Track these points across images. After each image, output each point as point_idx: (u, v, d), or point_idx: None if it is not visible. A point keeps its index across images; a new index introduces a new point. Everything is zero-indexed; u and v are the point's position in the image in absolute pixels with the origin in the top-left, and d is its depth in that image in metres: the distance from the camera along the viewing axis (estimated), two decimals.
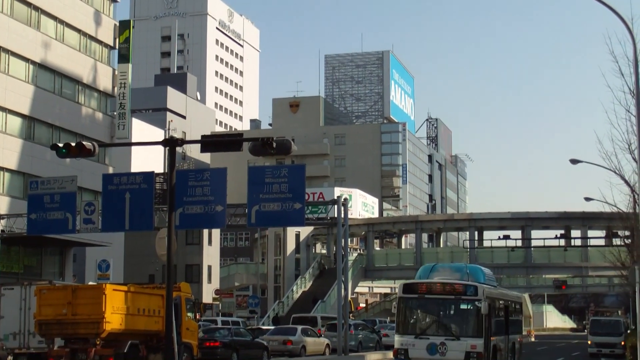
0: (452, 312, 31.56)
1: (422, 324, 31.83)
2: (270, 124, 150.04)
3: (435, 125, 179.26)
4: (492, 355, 31.54)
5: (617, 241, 68.26)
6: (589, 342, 57.55)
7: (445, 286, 31.32)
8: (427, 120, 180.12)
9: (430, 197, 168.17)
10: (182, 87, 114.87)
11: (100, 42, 65.70)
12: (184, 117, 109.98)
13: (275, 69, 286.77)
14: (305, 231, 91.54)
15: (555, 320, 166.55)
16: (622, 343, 50.80)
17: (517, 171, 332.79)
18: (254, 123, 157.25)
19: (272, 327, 54.67)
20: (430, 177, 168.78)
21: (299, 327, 48.27)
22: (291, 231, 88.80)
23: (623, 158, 49.73)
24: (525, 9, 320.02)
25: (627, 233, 51.09)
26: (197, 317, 37.45)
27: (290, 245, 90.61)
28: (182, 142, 33.58)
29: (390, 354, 38.02)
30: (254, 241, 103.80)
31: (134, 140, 73.88)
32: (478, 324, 30.47)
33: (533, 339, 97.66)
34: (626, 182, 40.44)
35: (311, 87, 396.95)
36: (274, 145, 30.16)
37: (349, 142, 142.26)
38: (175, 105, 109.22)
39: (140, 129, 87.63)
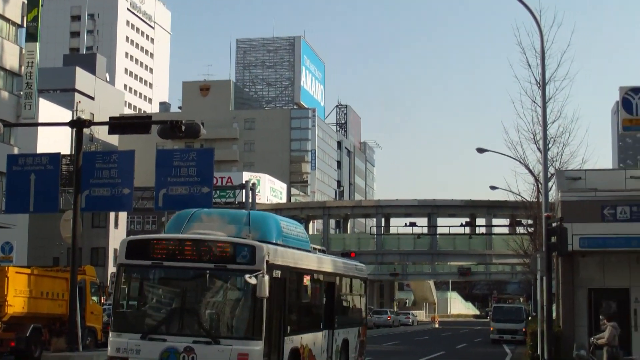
0: (210, 293, 18.38)
1: (155, 314, 18.53)
2: (180, 107, 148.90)
3: (345, 112, 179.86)
4: None
5: (520, 229, 69.60)
6: (491, 329, 58.72)
7: (198, 246, 18.10)
8: (337, 106, 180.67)
9: (339, 183, 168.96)
10: (91, 68, 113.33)
11: (7, 19, 64.43)
12: (93, 99, 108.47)
13: (186, 52, 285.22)
14: None
15: (459, 306, 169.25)
16: (523, 329, 51.81)
17: (425, 159, 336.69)
18: (164, 106, 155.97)
19: None
20: (339, 163, 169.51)
21: None
22: None
23: (528, 148, 50.75)
24: None
25: (530, 222, 51.99)
26: (102, 301, 37.21)
27: None
28: (90, 123, 33.30)
29: None
30: (161, 225, 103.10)
31: (40, 120, 72.65)
32: (254, 313, 17.59)
33: (437, 325, 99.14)
34: (530, 171, 41.16)
35: (222, 71, 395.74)
36: (183, 128, 30.12)
37: (258, 127, 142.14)
38: (84, 86, 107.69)
39: (48, 110, 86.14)
